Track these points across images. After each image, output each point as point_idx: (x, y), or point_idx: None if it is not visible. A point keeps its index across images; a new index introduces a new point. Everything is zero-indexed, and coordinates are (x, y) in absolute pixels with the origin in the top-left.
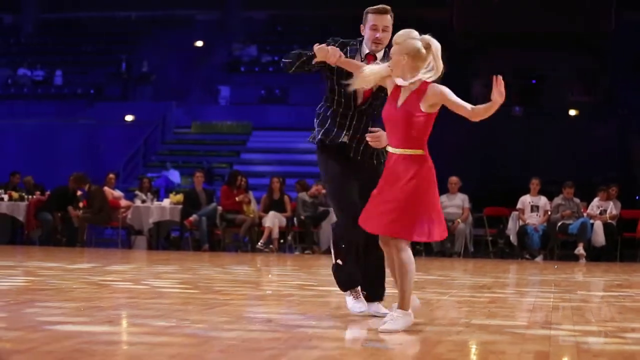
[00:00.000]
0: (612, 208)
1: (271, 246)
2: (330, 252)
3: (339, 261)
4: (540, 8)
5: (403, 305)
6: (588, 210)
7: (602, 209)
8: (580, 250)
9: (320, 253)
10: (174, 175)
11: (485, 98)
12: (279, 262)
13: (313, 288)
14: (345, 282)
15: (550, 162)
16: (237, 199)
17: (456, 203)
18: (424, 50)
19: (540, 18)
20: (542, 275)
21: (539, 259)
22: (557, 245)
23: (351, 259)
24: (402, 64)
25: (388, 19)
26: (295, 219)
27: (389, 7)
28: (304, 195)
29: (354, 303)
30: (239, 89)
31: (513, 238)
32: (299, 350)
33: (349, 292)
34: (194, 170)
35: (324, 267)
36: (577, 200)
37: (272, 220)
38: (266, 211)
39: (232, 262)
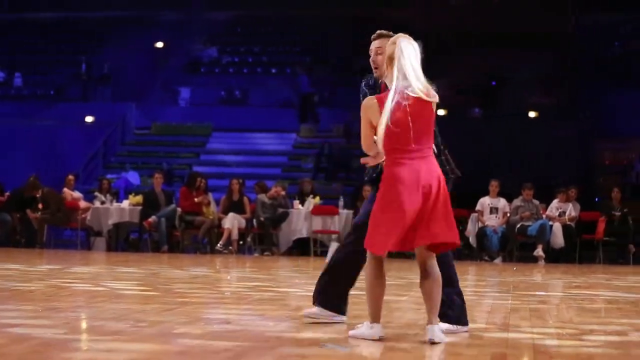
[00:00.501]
0: (571, 210)
1: (230, 248)
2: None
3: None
4: (501, 9)
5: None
6: (547, 212)
7: (561, 211)
8: (539, 252)
9: (280, 254)
10: (134, 177)
11: (446, 99)
12: (238, 264)
13: (272, 289)
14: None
15: (510, 164)
16: (196, 200)
17: None
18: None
19: (502, 19)
20: (501, 276)
21: (498, 260)
22: (516, 247)
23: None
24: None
25: (377, 43)
26: (254, 220)
27: (382, 32)
28: (263, 197)
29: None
30: (199, 90)
31: (472, 240)
32: (257, 351)
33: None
34: (153, 172)
35: (282, 269)
36: (536, 202)
37: (232, 222)
38: (225, 212)
39: (191, 263)
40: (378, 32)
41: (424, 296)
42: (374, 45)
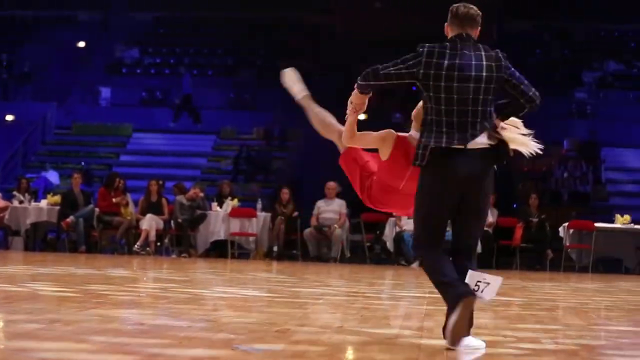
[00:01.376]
0: (489, 216)
1: (148, 249)
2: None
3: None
4: (423, 14)
5: None
6: None
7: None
8: None
9: (197, 256)
10: (53, 176)
11: (367, 104)
12: (155, 265)
13: (188, 291)
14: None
15: None
16: (114, 201)
17: (334, 208)
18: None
19: (423, 24)
20: (418, 281)
21: (415, 265)
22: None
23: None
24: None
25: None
26: (172, 221)
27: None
28: (181, 198)
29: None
30: (120, 91)
31: (390, 244)
32: (169, 352)
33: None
34: (73, 172)
35: (199, 270)
36: None
37: (149, 223)
38: (143, 213)
39: (108, 264)
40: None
41: None
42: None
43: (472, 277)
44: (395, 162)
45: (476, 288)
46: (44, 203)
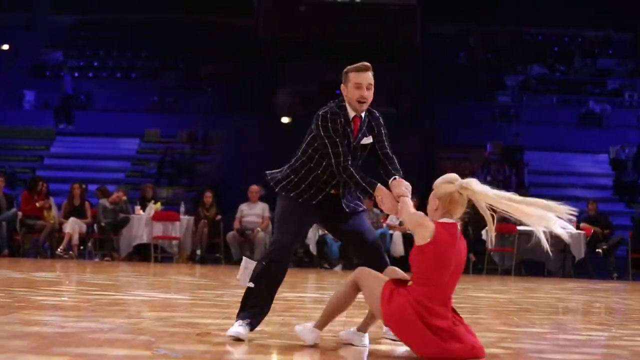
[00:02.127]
0: None
1: (71, 252)
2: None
3: (251, 284)
4: (347, 19)
5: None
6: (387, 221)
7: (401, 220)
8: None
9: (120, 260)
10: None
11: (291, 107)
12: (78, 269)
13: (110, 295)
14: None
15: None
16: (37, 204)
17: (256, 212)
18: (457, 196)
19: (347, 29)
20: (340, 284)
21: (337, 268)
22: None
23: (267, 283)
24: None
25: (371, 76)
26: (95, 225)
27: (369, 64)
28: (104, 202)
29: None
30: (43, 94)
31: (312, 247)
32: (89, 356)
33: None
34: None
35: (122, 274)
36: (377, 211)
37: (72, 227)
38: (66, 217)
39: (31, 267)
40: (364, 64)
41: None
42: (364, 79)
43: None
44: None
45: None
46: None
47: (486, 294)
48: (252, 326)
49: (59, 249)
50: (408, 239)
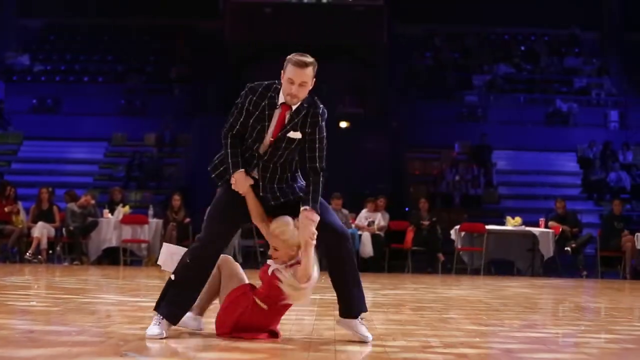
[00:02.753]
0: (380, 219)
1: (39, 257)
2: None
3: (172, 277)
4: (314, 20)
5: None
6: (356, 222)
7: (370, 220)
8: None
9: (89, 264)
10: None
11: None
12: (47, 273)
13: (79, 299)
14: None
15: None
16: (5, 209)
17: None
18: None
19: (314, 29)
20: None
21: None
22: (325, 256)
23: (187, 280)
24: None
25: (307, 74)
26: (64, 229)
27: (311, 61)
28: (73, 206)
29: (153, 327)
30: (10, 98)
31: None
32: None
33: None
34: None
35: (91, 278)
36: (345, 211)
37: (41, 231)
38: (35, 221)
39: None
40: (304, 60)
41: None
42: (299, 76)
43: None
44: None
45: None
46: None
47: (455, 293)
48: (171, 323)
49: (27, 254)
50: (377, 240)
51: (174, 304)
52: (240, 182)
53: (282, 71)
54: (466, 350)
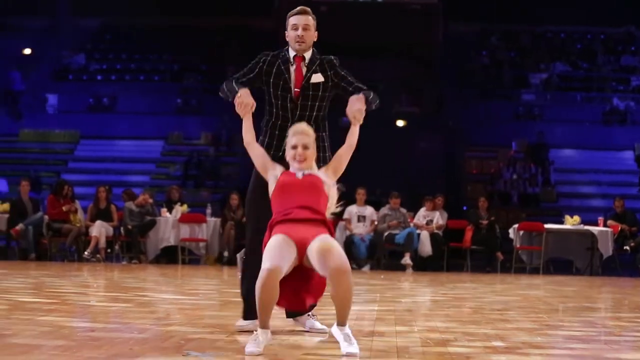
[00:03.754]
0: (439, 218)
1: (98, 256)
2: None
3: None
4: (368, 18)
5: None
6: (415, 220)
7: (428, 219)
8: (407, 260)
9: (147, 262)
10: (1, 184)
11: None
12: (106, 272)
13: (138, 298)
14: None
15: (377, 173)
16: (63, 208)
17: None
18: None
19: (369, 28)
20: (369, 284)
21: (365, 268)
22: (383, 255)
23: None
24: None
25: (308, 19)
26: (122, 228)
27: (309, 9)
28: (130, 205)
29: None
30: (67, 97)
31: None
32: (120, 359)
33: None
34: (21, 179)
35: (150, 276)
36: (403, 210)
37: (99, 230)
38: (93, 220)
39: (58, 271)
40: (302, 7)
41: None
42: (300, 20)
43: None
44: None
45: None
46: None
47: (515, 292)
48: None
49: (85, 252)
50: (435, 239)
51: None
52: (246, 96)
53: (285, 32)
54: (529, 350)
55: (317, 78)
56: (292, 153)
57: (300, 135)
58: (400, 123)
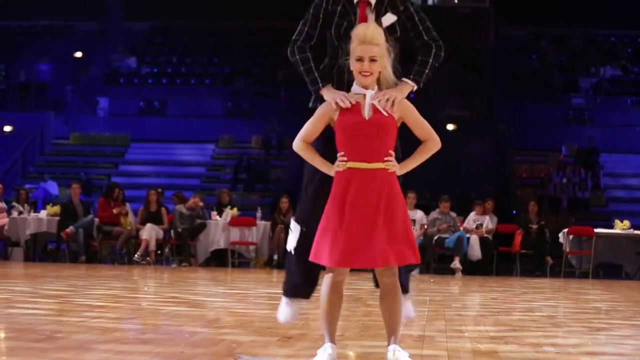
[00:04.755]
0: (488, 222)
1: (148, 258)
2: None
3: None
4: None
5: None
6: (464, 224)
7: (478, 223)
8: (456, 264)
9: (197, 265)
10: (52, 187)
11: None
12: (156, 275)
13: (189, 301)
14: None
15: (427, 176)
16: (114, 211)
17: None
18: None
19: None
20: (418, 288)
21: (415, 272)
22: (433, 259)
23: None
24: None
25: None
26: (172, 231)
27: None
28: (181, 208)
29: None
30: (117, 101)
31: None
32: None
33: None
34: (72, 182)
35: (200, 279)
36: (453, 214)
37: (149, 233)
38: (143, 223)
39: (108, 274)
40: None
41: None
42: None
43: None
44: None
45: None
46: (43, 214)
47: (564, 296)
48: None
49: (136, 255)
50: (485, 243)
51: (294, 279)
52: (331, 94)
53: None
54: (579, 355)
55: (388, 19)
56: (357, 66)
57: (369, 45)
58: (450, 127)
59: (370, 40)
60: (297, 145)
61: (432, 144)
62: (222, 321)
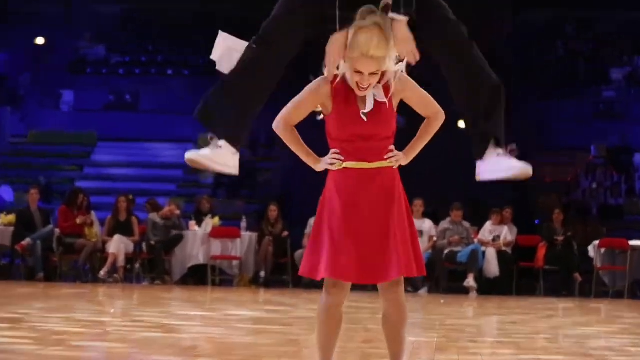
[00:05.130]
0: (507, 233)
1: (115, 275)
2: None
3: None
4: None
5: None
6: (479, 236)
7: (495, 235)
8: (470, 281)
9: (173, 283)
10: (7, 192)
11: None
12: (124, 294)
13: (162, 325)
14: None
15: (436, 181)
16: (77, 220)
17: None
18: None
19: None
20: (426, 310)
21: (423, 291)
22: (443, 275)
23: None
24: None
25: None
26: (144, 244)
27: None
28: (154, 217)
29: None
30: (83, 93)
31: None
32: None
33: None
34: (29, 187)
35: (175, 301)
36: (466, 224)
37: (118, 246)
38: (111, 235)
39: (69, 293)
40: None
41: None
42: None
43: None
44: None
45: None
46: None
47: (596, 320)
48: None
49: (101, 272)
50: (503, 257)
51: (230, 123)
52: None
53: None
54: None
55: None
56: (355, 77)
57: (370, 60)
58: (462, 124)
59: (373, 54)
60: (278, 125)
61: (438, 119)
62: (199, 349)
